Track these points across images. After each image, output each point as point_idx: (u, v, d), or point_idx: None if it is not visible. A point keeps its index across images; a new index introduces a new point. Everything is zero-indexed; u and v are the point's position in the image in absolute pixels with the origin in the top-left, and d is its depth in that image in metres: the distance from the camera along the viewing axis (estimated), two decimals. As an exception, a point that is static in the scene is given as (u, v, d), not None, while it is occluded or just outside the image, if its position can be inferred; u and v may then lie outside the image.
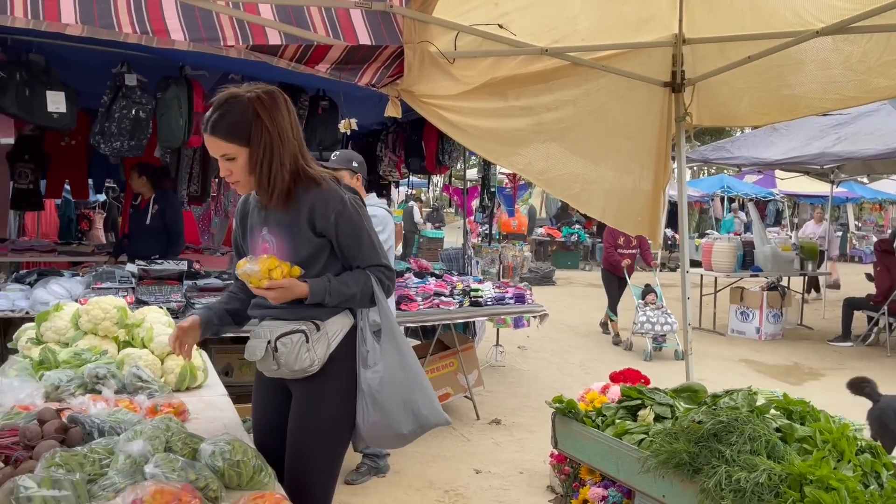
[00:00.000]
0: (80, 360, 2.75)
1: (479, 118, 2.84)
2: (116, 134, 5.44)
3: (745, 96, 3.20)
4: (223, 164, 2.14)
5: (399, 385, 2.22)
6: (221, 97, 2.14)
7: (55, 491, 1.64)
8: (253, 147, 2.09)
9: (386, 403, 2.20)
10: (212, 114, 2.11)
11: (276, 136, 2.10)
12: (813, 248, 10.88)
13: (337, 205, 2.16)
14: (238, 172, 2.13)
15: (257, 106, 2.08)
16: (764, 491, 2.08)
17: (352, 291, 2.19)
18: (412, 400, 2.23)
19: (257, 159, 2.10)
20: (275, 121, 2.11)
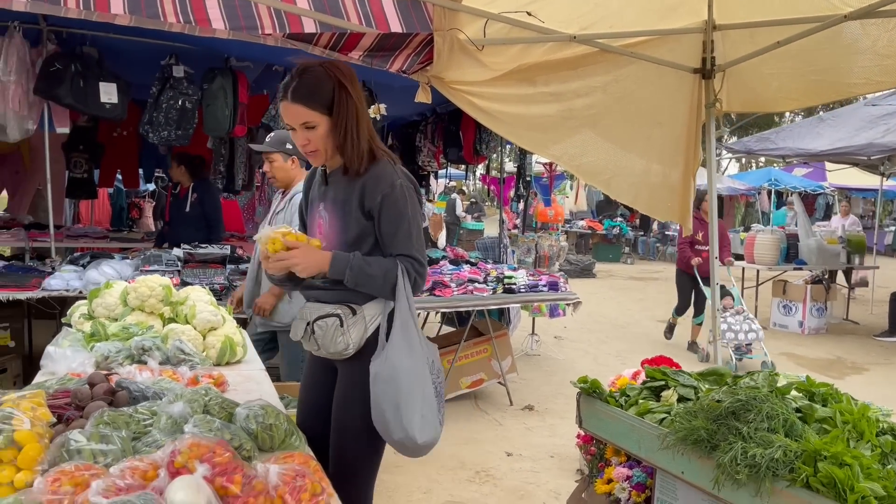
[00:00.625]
0: (127, 333, 2.92)
1: (508, 104, 2.91)
2: (164, 124, 5.66)
3: (773, 81, 3.19)
4: (301, 133, 2.13)
5: (395, 387, 2.14)
6: (300, 66, 2.12)
7: (103, 445, 1.78)
8: (335, 115, 2.10)
9: (377, 400, 2.16)
10: (291, 81, 2.10)
11: (356, 105, 2.11)
12: (861, 241, 10.65)
13: (386, 187, 2.14)
14: (317, 141, 2.13)
15: (338, 74, 2.09)
16: (779, 466, 2.11)
17: (374, 272, 2.13)
18: (405, 406, 2.14)
19: (339, 128, 2.10)
20: (356, 90, 2.12)
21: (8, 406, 1.77)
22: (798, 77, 3.19)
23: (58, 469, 1.60)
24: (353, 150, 2.15)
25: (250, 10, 2.57)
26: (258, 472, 1.65)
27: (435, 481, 4.20)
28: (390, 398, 2.14)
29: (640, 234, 19.49)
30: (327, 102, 2.10)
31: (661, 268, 17.19)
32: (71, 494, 1.52)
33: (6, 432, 1.66)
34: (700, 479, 2.38)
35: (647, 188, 3.30)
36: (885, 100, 8.81)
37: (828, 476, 2.01)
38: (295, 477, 1.67)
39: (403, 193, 2.17)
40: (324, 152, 2.17)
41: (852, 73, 2.96)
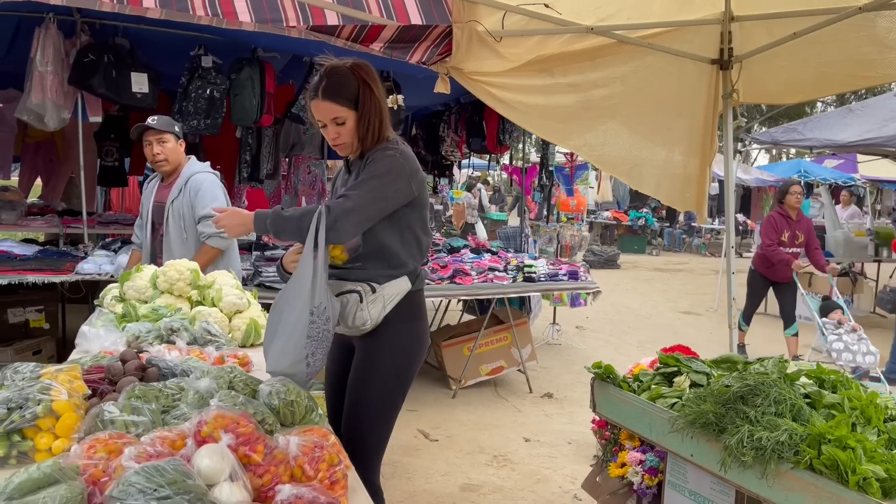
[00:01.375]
0: (157, 315, 3.04)
1: (526, 94, 2.97)
2: (193, 113, 5.79)
3: (783, 73, 3.22)
4: (332, 128, 2.31)
5: (274, 314, 2.33)
6: (326, 67, 2.30)
7: (134, 416, 1.89)
8: (360, 110, 2.27)
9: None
10: (320, 81, 2.28)
11: (378, 101, 2.29)
12: (890, 233, 10.51)
13: (377, 153, 2.29)
14: (345, 135, 2.31)
15: (361, 73, 2.28)
16: (784, 449, 2.17)
17: (290, 214, 2.24)
18: (270, 334, 2.36)
19: (365, 122, 2.28)
20: (377, 86, 2.30)
21: (46, 378, 1.88)
22: (808, 69, 3.20)
23: (92, 437, 1.71)
24: (372, 140, 2.33)
25: (275, 4, 2.66)
26: (279, 444, 1.75)
27: (453, 464, 4.29)
28: (271, 323, 2.34)
29: (665, 225, 19.38)
30: (354, 98, 2.27)
31: (687, 259, 17.11)
32: (105, 460, 1.62)
33: (45, 402, 1.77)
34: (708, 462, 2.44)
35: (668, 178, 3.35)
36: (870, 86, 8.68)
37: (831, 458, 2.05)
38: (314, 448, 1.77)
39: (390, 161, 2.26)
40: (351, 144, 2.35)
41: (860, 66, 2.97)
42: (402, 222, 2.39)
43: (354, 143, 2.34)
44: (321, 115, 2.31)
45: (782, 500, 2.18)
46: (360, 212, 2.23)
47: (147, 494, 1.44)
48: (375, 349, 2.44)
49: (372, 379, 2.46)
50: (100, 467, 1.59)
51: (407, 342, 2.47)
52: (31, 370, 1.91)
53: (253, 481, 1.64)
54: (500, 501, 3.84)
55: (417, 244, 2.46)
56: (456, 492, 3.92)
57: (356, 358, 2.50)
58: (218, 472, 1.58)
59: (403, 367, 2.49)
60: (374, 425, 2.48)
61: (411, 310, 2.46)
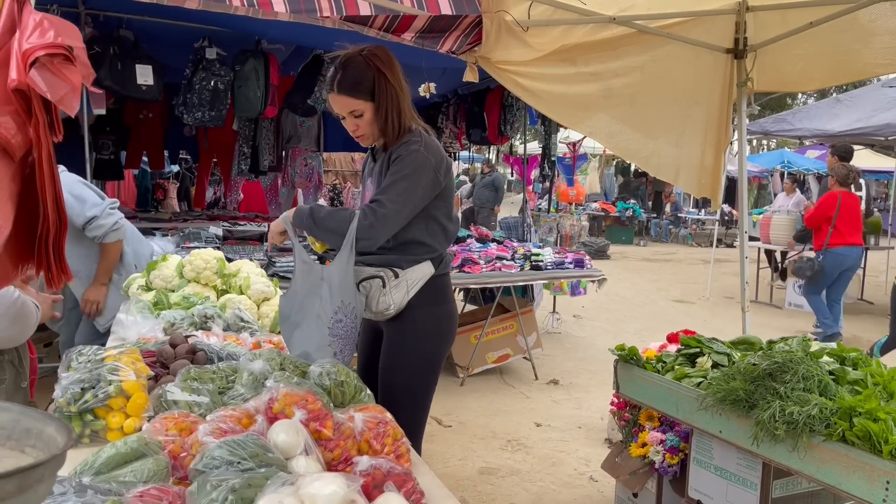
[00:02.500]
0: (188, 302, 3.08)
1: (550, 83, 3.03)
2: (197, 105, 5.80)
3: (800, 62, 3.30)
4: (350, 120, 2.31)
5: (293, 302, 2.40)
6: (341, 58, 2.29)
7: (195, 397, 1.94)
8: (377, 101, 2.27)
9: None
10: (335, 74, 2.28)
11: (396, 88, 2.28)
12: (877, 222, 10.72)
13: (404, 149, 2.29)
14: (364, 126, 2.31)
15: (376, 62, 2.26)
16: (815, 423, 2.25)
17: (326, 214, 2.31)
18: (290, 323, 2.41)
19: (383, 112, 2.28)
20: (394, 74, 2.29)
21: (110, 361, 1.93)
22: (825, 57, 3.29)
23: (161, 416, 1.76)
24: (393, 131, 2.33)
25: (309, -7, 2.69)
26: (344, 420, 1.81)
27: (469, 449, 4.36)
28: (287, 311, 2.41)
29: (652, 216, 19.58)
30: (369, 90, 2.27)
31: (674, 249, 17.30)
32: (178, 437, 1.68)
33: (115, 383, 1.82)
34: (738, 437, 2.53)
35: (685, 165, 3.42)
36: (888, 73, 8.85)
37: (863, 430, 2.14)
38: (377, 424, 1.83)
39: (414, 158, 2.27)
40: (371, 135, 2.36)
41: (877, 54, 3.06)
42: (429, 214, 2.40)
43: (375, 134, 2.35)
44: (338, 108, 2.32)
45: (814, 471, 2.27)
46: (394, 217, 2.26)
47: (232, 466, 1.49)
48: (403, 334, 2.47)
49: (402, 364, 2.48)
50: (177, 443, 1.64)
51: (434, 325, 2.49)
52: (94, 352, 1.95)
53: (324, 455, 1.70)
54: (519, 484, 3.92)
55: (443, 232, 2.47)
56: (475, 475, 4.00)
57: (385, 343, 2.52)
58: (294, 445, 1.64)
59: (433, 351, 2.52)
60: (408, 410, 2.50)
61: (436, 293, 2.47)
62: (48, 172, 1.26)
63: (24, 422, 0.75)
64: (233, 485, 1.32)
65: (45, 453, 0.75)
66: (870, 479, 2.10)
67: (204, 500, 1.32)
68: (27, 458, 0.75)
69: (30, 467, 0.66)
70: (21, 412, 0.76)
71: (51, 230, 1.42)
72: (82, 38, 1.44)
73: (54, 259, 1.27)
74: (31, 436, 0.75)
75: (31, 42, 1.31)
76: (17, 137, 1.27)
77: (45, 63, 1.32)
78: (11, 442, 0.74)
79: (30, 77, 1.29)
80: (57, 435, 0.75)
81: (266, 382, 2.06)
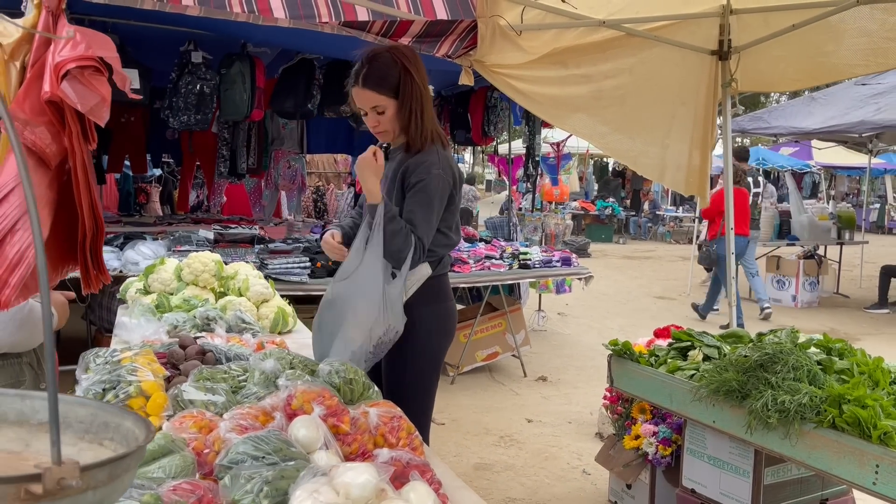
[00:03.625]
0: (189, 305, 3.11)
1: (543, 85, 3.11)
2: (183, 108, 5.80)
3: (781, 63, 3.41)
4: (372, 116, 2.32)
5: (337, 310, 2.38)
6: (367, 53, 2.29)
7: (210, 395, 1.98)
8: (401, 98, 2.28)
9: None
10: (361, 67, 2.27)
11: (421, 87, 2.30)
12: (851, 217, 10.96)
13: (424, 173, 2.32)
14: (385, 123, 2.32)
15: (403, 60, 2.27)
16: (806, 410, 2.35)
17: (398, 241, 2.28)
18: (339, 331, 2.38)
19: (406, 110, 2.28)
20: (420, 73, 2.30)
21: (127, 362, 1.96)
22: (806, 59, 3.41)
23: (180, 415, 1.80)
24: (417, 131, 2.34)
25: (308, 0, 2.75)
26: (359, 415, 1.86)
27: (463, 446, 4.43)
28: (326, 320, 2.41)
29: (631, 214, 19.78)
30: (394, 86, 2.28)
31: (653, 247, 17.49)
32: (199, 434, 1.72)
33: (135, 383, 1.86)
34: (731, 427, 2.62)
35: (672, 164, 3.51)
36: (874, 79, 9.07)
37: (852, 416, 2.24)
38: (391, 418, 1.89)
39: (437, 184, 2.34)
40: (392, 132, 2.38)
41: (857, 56, 3.18)
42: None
43: (396, 131, 2.37)
44: (361, 102, 2.32)
45: (805, 457, 2.37)
46: (429, 237, 2.36)
47: (257, 461, 1.54)
48: (405, 333, 2.52)
49: (404, 363, 2.52)
50: (199, 440, 1.69)
51: (434, 323, 2.54)
52: (110, 354, 1.99)
53: (342, 449, 1.75)
54: (514, 478, 4.00)
55: (446, 239, 2.52)
56: (470, 471, 4.06)
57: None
58: (314, 440, 1.69)
59: (434, 348, 2.58)
60: (412, 407, 2.56)
61: (434, 292, 2.52)
62: (83, 180, 1.31)
63: (102, 416, 0.79)
64: (266, 476, 1.37)
65: (123, 446, 0.78)
66: (860, 463, 2.20)
67: (238, 492, 1.37)
68: (106, 450, 0.79)
69: (121, 457, 0.70)
70: (98, 407, 0.80)
71: (87, 235, 1.46)
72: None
73: (92, 262, 1.31)
74: (110, 429, 0.79)
75: (63, 55, 1.36)
76: (51, 147, 1.32)
77: (76, 75, 1.37)
78: (90, 435, 0.78)
79: (61, 89, 1.34)
80: (135, 428, 0.79)
81: (278, 381, 2.11)
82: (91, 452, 0.82)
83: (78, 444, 0.73)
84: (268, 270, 4.64)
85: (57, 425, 0.65)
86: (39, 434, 0.73)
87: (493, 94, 6.83)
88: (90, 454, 0.82)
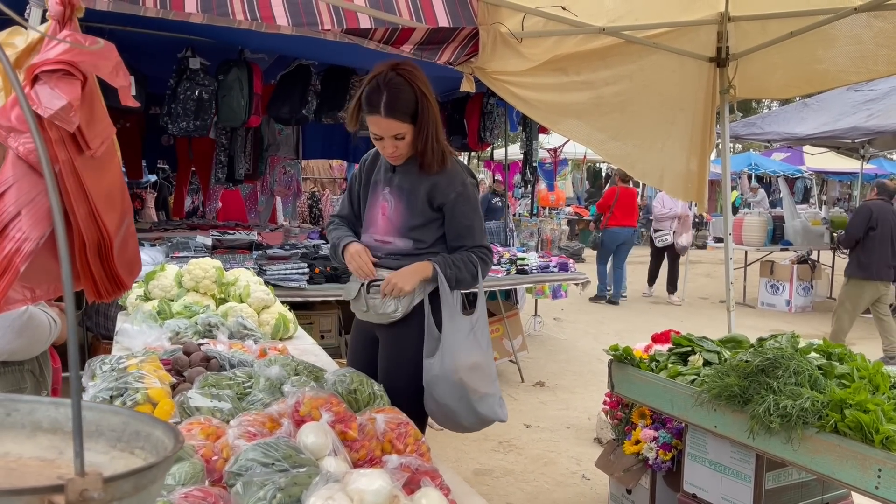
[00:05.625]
0: (190, 311, 3.11)
1: (543, 92, 3.13)
2: (182, 114, 5.80)
3: (777, 70, 3.44)
4: (390, 143, 2.28)
5: (452, 384, 2.34)
6: (382, 78, 2.23)
7: (216, 402, 1.98)
8: (419, 123, 2.26)
9: (440, 398, 2.37)
10: (379, 94, 2.22)
11: (435, 109, 2.29)
12: (843, 222, 11.01)
13: (459, 185, 2.34)
14: (403, 148, 2.30)
15: (417, 82, 2.24)
16: (808, 415, 2.36)
17: (463, 276, 2.37)
18: (468, 397, 2.35)
19: (423, 135, 2.27)
20: (431, 93, 2.29)
21: (133, 369, 1.96)
22: (802, 66, 3.44)
23: (187, 422, 1.80)
24: (433, 154, 2.32)
25: (311, 8, 2.75)
26: (366, 421, 1.87)
27: (462, 451, 4.43)
28: (448, 394, 2.37)
29: (625, 219, 19.83)
30: (412, 112, 2.26)
31: (646, 251, 17.50)
32: (206, 441, 1.72)
33: (142, 390, 1.86)
34: (733, 431, 2.63)
35: (671, 170, 3.54)
36: (866, 86, 9.14)
37: (854, 421, 2.26)
38: (398, 425, 1.89)
39: (473, 191, 2.40)
40: (406, 155, 2.36)
41: (853, 63, 3.21)
42: None
43: (409, 154, 2.35)
44: (381, 130, 2.27)
45: (807, 462, 2.38)
46: (488, 240, 2.52)
47: (267, 467, 1.54)
48: (404, 338, 2.49)
49: (404, 367, 2.49)
50: (207, 447, 1.69)
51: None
52: (116, 361, 1.99)
53: (350, 456, 1.76)
54: (514, 484, 4.00)
55: None
56: (470, 476, 4.07)
57: (384, 348, 2.55)
58: (322, 447, 1.69)
59: None
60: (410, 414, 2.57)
61: (438, 300, 2.52)
62: (73, 186, 1.30)
63: (134, 424, 0.79)
64: (279, 483, 1.38)
65: (153, 455, 0.78)
66: (862, 467, 2.21)
67: (251, 499, 1.37)
68: (137, 459, 0.79)
69: (146, 468, 0.70)
70: (130, 416, 0.80)
71: (86, 243, 1.45)
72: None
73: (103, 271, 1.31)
74: (141, 438, 0.79)
75: (39, 58, 1.36)
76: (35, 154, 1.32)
77: (45, 78, 1.37)
78: (122, 444, 0.79)
79: (30, 93, 1.34)
80: (165, 437, 0.79)
81: (283, 387, 2.11)
82: (123, 461, 0.83)
83: (110, 453, 0.74)
84: (266, 276, 4.63)
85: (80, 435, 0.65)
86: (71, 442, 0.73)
87: (490, 100, 6.85)
88: (122, 463, 0.82)
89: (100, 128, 1.52)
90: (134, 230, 1.84)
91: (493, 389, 2.43)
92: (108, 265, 1.35)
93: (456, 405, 2.36)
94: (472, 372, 2.35)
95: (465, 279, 2.38)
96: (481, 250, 2.42)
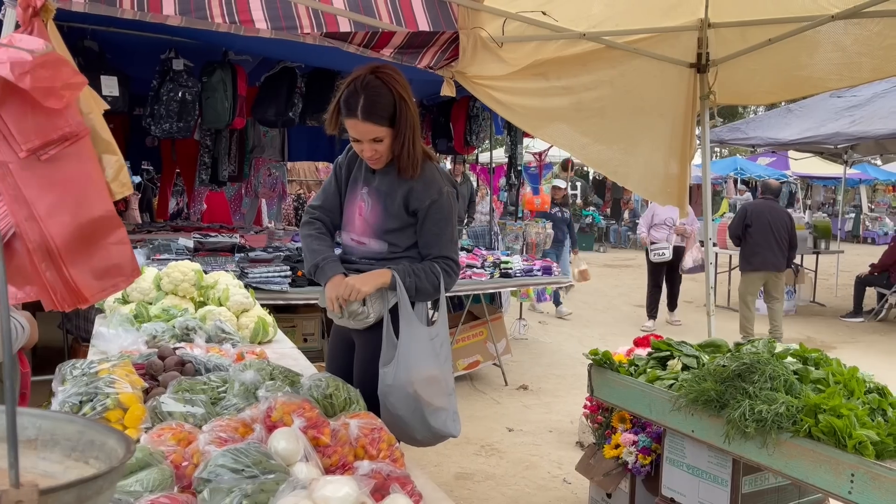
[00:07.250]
0: (168, 315, 3.09)
1: (524, 97, 3.13)
2: (165, 116, 5.77)
3: (756, 76, 3.46)
4: (369, 145, 2.26)
5: (406, 396, 2.31)
6: (360, 81, 2.22)
7: (189, 407, 1.97)
8: (397, 127, 2.25)
9: (393, 409, 2.33)
10: (356, 97, 2.20)
11: (414, 113, 2.27)
12: (827, 227, 11.11)
13: (435, 193, 2.33)
14: (381, 151, 2.28)
15: (398, 87, 2.23)
16: (783, 420, 2.38)
17: (424, 285, 2.34)
18: (421, 410, 2.32)
19: (401, 139, 2.26)
20: (410, 97, 2.27)
21: (104, 374, 1.95)
22: (782, 73, 3.46)
23: (159, 427, 1.79)
24: (409, 158, 2.31)
25: (290, 11, 2.74)
26: (339, 427, 1.86)
27: (444, 455, 4.43)
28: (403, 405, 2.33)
29: (611, 223, 19.92)
30: (390, 116, 2.25)
31: (633, 255, 17.58)
32: (177, 447, 1.71)
33: (112, 395, 1.84)
34: (709, 436, 2.64)
35: (651, 175, 3.55)
36: (849, 92, 9.22)
37: (828, 426, 2.27)
38: (372, 430, 1.88)
39: (449, 201, 2.39)
40: (385, 159, 2.35)
41: (832, 70, 3.24)
42: None
43: (388, 157, 2.34)
44: (359, 133, 2.26)
45: (782, 466, 2.39)
46: (456, 252, 2.48)
47: (237, 474, 1.53)
48: (377, 343, 2.44)
49: (375, 374, 2.49)
50: (178, 453, 1.68)
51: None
52: (87, 365, 1.97)
53: (322, 461, 1.75)
54: (495, 488, 4.00)
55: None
56: (451, 480, 4.06)
57: (359, 353, 2.54)
58: (294, 452, 1.68)
59: None
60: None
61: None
62: (10, 189, 1.29)
63: (89, 434, 0.78)
64: (246, 490, 1.37)
65: (106, 465, 0.78)
66: (835, 472, 2.22)
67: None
68: (90, 469, 0.78)
69: (88, 479, 0.68)
70: (85, 424, 0.79)
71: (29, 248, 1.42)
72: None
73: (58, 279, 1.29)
74: (95, 447, 0.78)
75: None
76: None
77: None
78: (76, 453, 0.77)
79: None
80: (117, 447, 0.78)
81: (258, 392, 2.10)
82: (76, 471, 0.81)
83: (65, 462, 0.73)
84: (248, 279, 4.61)
85: (15, 446, 0.64)
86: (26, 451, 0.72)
87: (476, 104, 6.86)
88: (76, 472, 0.81)
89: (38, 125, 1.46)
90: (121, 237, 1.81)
91: (448, 404, 2.40)
92: (60, 273, 1.32)
93: (409, 417, 2.33)
94: (427, 384, 2.32)
95: (425, 289, 2.36)
96: (446, 261, 2.40)
